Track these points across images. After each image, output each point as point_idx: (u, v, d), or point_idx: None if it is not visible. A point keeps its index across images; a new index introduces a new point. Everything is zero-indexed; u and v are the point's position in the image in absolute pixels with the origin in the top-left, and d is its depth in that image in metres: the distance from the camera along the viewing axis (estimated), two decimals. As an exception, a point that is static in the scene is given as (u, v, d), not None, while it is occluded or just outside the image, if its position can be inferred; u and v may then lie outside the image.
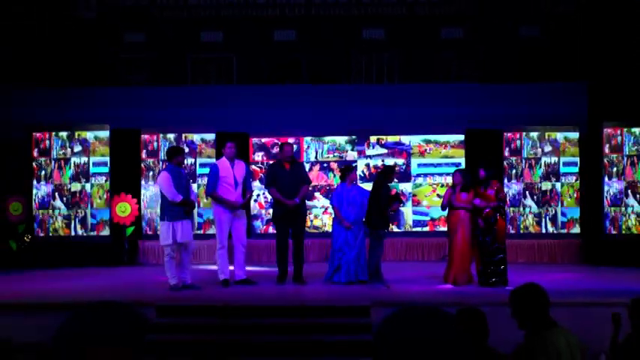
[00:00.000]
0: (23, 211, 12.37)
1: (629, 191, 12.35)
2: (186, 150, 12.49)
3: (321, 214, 12.95)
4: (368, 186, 10.19)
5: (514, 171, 12.80)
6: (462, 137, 12.93)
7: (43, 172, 12.61)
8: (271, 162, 11.56)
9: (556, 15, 14.43)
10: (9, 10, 14.13)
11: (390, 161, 12.71)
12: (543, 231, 12.69)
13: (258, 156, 13.04)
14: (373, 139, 13.07)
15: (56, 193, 12.59)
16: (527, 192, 12.76)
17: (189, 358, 7.02)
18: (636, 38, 13.70)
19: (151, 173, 12.85)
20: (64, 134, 12.63)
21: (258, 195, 12.76)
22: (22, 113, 12.92)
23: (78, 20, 14.63)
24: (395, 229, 12.69)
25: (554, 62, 14.31)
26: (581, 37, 14.21)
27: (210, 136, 12.95)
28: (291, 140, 12.66)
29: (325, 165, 13.04)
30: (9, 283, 9.85)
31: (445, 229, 10.28)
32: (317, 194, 12.94)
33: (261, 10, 14.70)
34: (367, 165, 12.97)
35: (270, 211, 10.79)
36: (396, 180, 12.41)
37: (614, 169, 12.41)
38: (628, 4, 13.62)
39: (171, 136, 12.86)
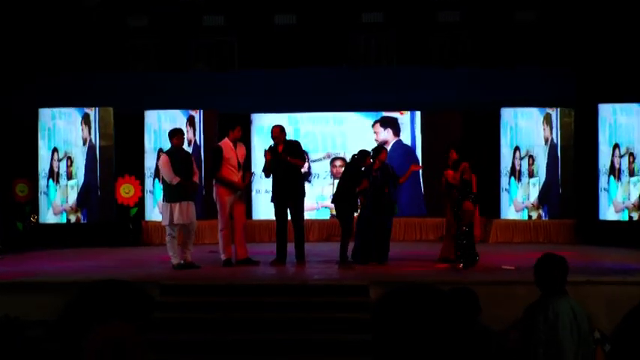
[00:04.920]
0: (29, 192, 12.28)
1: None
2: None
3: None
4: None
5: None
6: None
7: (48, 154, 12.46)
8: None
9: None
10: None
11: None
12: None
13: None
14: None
15: (62, 175, 12.42)
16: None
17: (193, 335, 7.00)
18: (622, 27, 13.52)
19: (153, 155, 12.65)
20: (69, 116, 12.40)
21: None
22: (28, 98, 12.67)
23: (82, 7, 14.45)
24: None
25: (548, 46, 14.17)
26: (574, 22, 14.04)
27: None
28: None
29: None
30: (17, 263, 9.77)
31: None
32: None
33: (262, -6, 14.47)
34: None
35: None
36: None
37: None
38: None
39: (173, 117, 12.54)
